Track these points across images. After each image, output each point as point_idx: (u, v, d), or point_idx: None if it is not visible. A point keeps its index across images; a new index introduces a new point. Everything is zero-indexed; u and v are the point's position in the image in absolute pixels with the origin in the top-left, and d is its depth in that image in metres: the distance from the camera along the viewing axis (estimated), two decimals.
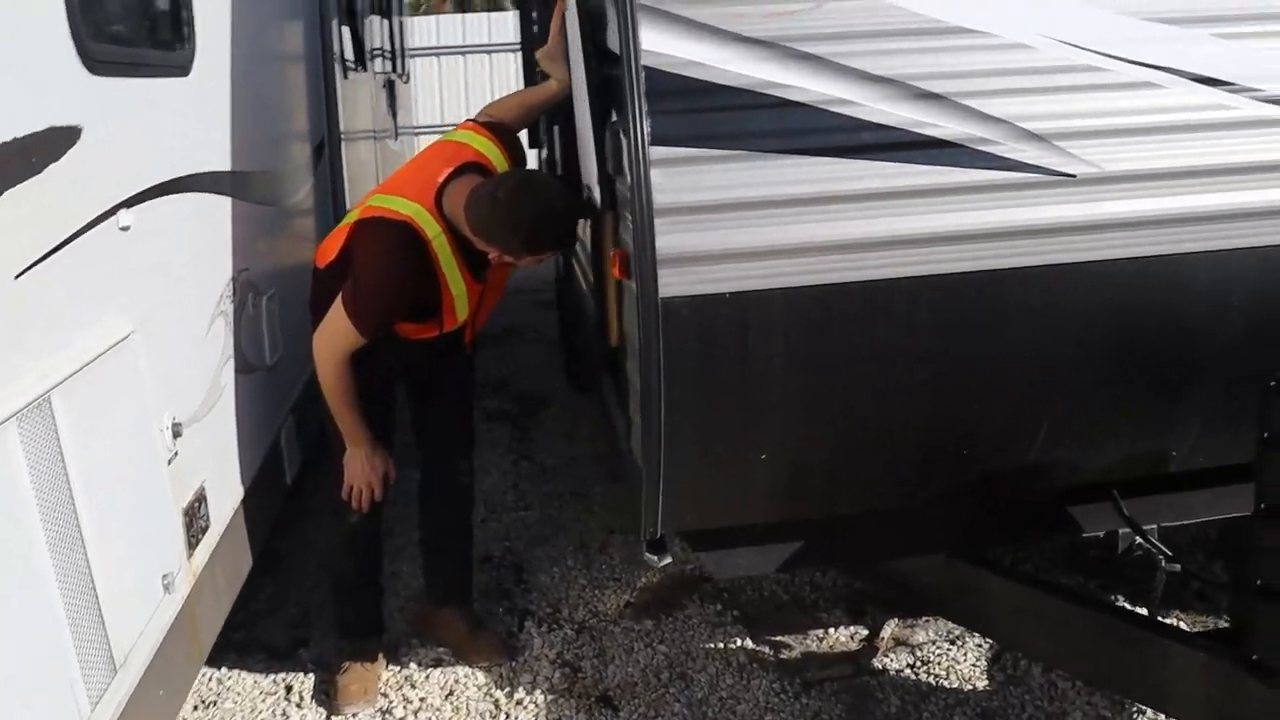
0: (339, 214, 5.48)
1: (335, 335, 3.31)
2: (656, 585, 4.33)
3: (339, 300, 3.28)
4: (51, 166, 2.35)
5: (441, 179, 3.29)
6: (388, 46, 8.20)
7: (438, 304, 3.40)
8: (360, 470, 3.51)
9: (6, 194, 2.16)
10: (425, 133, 11.22)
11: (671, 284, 2.50)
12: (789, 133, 2.53)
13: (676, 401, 2.59)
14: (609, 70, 2.85)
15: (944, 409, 2.74)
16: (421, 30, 12.02)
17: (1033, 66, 2.62)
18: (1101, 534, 3.14)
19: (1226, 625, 3.14)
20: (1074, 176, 2.60)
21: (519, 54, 11.87)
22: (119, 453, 2.59)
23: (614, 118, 2.77)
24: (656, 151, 2.48)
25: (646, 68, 2.50)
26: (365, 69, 6.77)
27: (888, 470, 2.85)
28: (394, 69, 8.54)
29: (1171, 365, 2.76)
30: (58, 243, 2.37)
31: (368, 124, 6.70)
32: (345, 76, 5.82)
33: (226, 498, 3.38)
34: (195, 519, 3.04)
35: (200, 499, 3.10)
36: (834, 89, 2.55)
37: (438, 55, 12.08)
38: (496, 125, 3.54)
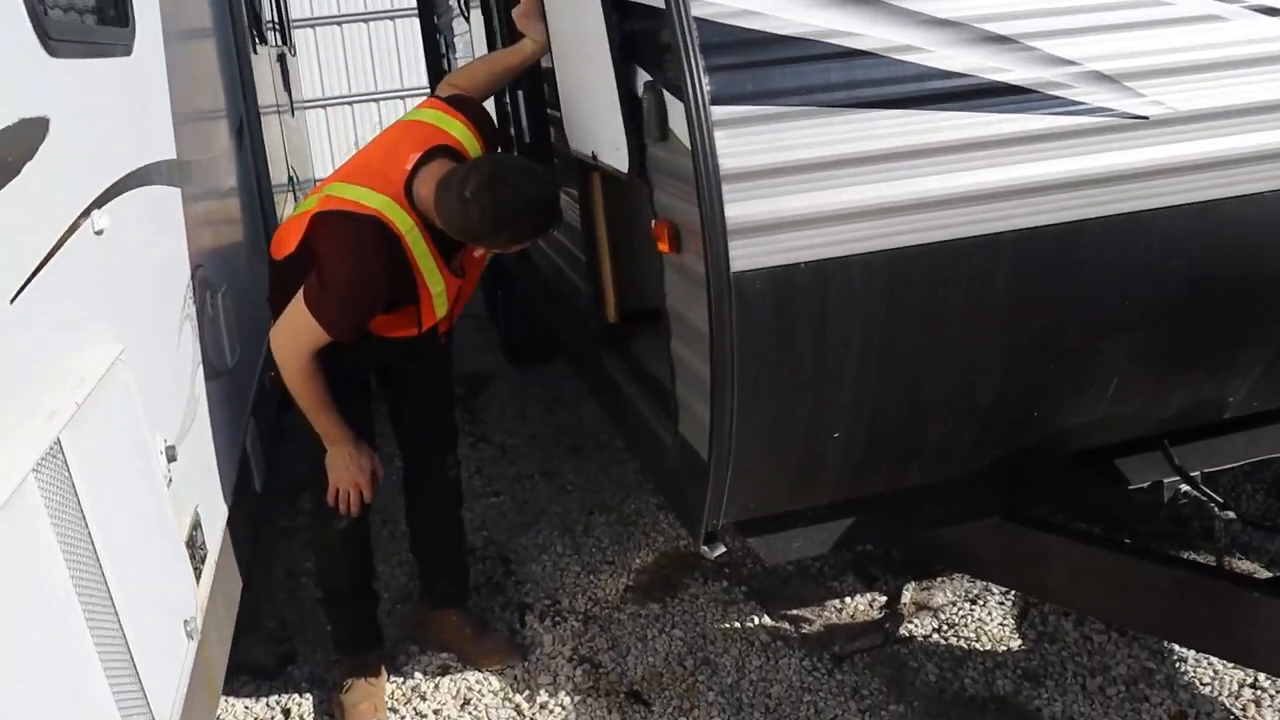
0: (263, 197, 5.05)
1: (298, 334, 2.93)
2: (653, 565, 4.06)
3: (300, 297, 2.90)
4: (27, 166, 1.95)
5: (409, 166, 2.91)
6: (276, 19, 7.64)
7: (414, 302, 3.05)
8: (345, 471, 3.14)
9: None
10: (310, 107, 10.63)
11: (744, 256, 2.21)
12: (857, 84, 2.24)
13: (749, 385, 2.31)
14: (632, 24, 2.52)
15: (1019, 369, 2.52)
16: (296, 1, 11.34)
17: (1095, 3, 2.38)
18: (1147, 485, 2.97)
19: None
20: (1147, 118, 2.38)
21: (396, 20, 11.39)
22: (127, 490, 2.21)
23: (649, 77, 2.44)
24: (719, 111, 2.17)
25: (699, 19, 2.18)
26: (265, 44, 6.27)
27: (959, 437, 2.61)
28: (283, 42, 7.98)
29: (1242, 309, 2.57)
30: (45, 254, 1.97)
31: (272, 101, 6.20)
32: (255, 52, 5.34)
33: (216, 519, 2.99)
34: (196, 549, 2.66)
35: (197, 525, 2.72)
36: (897, 35, 2.27)
37: (313, 26, 11.42)
38: (462, 101, 3.16)
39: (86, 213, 2.23)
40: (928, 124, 2.27)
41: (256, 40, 5.57)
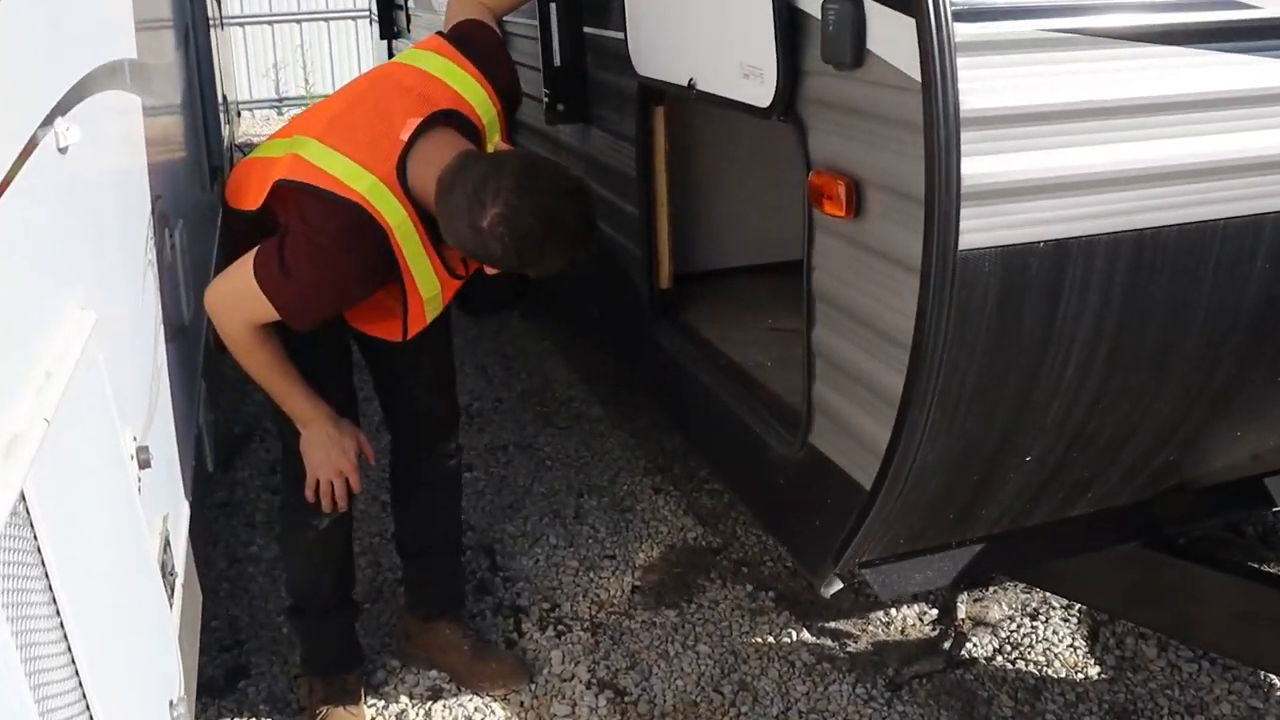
0: (207, 116, 4.18)
1: (240, 304, 2.21)
2: (660, 562, 3.40)
3: (250, 264, 2.17)
4: None
5: (405, 135, 2.18)
6: None
7: (400, 304, 2.32)
8: (326, 455, 2.38)
9: None
10: (229, 24, 9.50)
11: (975, 230, 1.55)
12: (1132, 7, 1.60)
13: (951, 395, 1.66)
14: None
15: (1243, 382, 1.92)
16: None
17: None
18: None
19: None
20: None
21: None
22: (100, 528, 1.45)
23: None
24: (965, 30, 1.50)
25: None
26: None
27: (1151, 460, 2.01)
28: None
29: None
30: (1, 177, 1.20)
31: (206, 11, 5.26)
32: None
33: (181, 525, 2.22)
34: (167, 577, 1.90)
35: (166, 545, 1.96)
36: None
37: None
38: (475, 44, 2.39)
39: (49, 121, 1.45)
40: (1213, 66, 1.63)
41: None
